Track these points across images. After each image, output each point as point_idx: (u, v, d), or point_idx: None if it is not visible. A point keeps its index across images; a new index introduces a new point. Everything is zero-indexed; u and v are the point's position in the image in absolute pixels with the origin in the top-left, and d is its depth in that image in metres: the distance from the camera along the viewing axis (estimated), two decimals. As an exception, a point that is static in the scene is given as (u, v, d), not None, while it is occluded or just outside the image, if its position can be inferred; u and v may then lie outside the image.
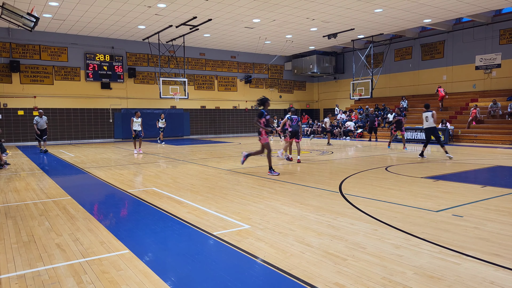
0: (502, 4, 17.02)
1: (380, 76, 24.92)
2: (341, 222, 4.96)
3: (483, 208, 5.57)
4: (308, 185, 7.59)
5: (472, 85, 22.00)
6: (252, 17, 18.29)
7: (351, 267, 3.49)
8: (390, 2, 16.24)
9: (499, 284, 3.09)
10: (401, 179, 8.26)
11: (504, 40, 20.30)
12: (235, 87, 28.37)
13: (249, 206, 5.92)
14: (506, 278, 3.20)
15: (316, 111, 32.65)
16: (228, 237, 4.41)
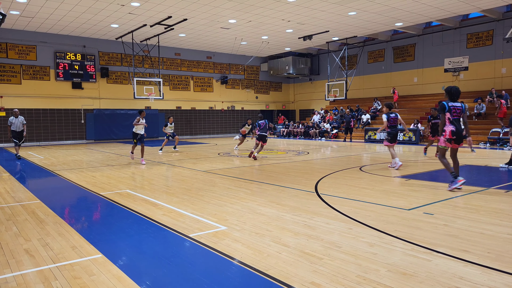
0: (468, 9, 17.68)
1: (354, 77, 25.38)
2: (317, 221, 5.01)
3: (452, 206, 5.76)
4: (285, 186, 7.64)
5: (441, 87, 22.74)
6: (228, 17, 18.25)
7: (327, 266, 3.53)
8: (363, 5, 16.58)
9: (468, 279, 3.20)
10: (375, 178, 8.43)
11: (471, 44, 21.11)
12: (211, 88, 28.22)
13: (226, 207, 5.90)
14: (474, 273, 3.32)
15: (292, 112, 32.92)
16: (204, 238, 4.37)
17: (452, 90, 6.82)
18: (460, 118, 6.80)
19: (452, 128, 6.68)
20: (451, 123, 6.72)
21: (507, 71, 19.86)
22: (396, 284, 3.14)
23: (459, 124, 6.78)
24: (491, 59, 20.38)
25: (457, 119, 6.74)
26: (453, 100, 6.82)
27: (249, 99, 30.32)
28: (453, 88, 6.84)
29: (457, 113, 6.74)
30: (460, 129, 6.72)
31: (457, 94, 6.80)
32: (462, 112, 6.81)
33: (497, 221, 4.89)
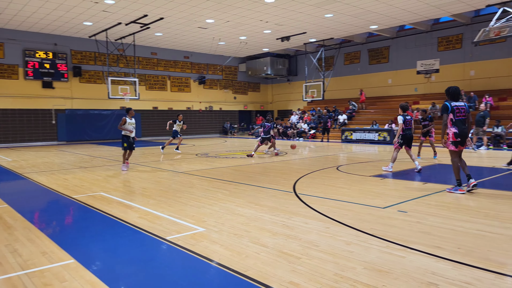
0: (439, 13, 18.24)
1: (331, 78, 25.73)
2: (295, 221, 5.04)
3: (425, 204, 5.92)
4: (263, 186, 7.65)
5: (414, 88, 23.36)
6: (205, 17, 18.14)
7: (305, 265, 3.56)
8: (339, 8, 16.83)
9: (440, 274, 3.29)
10: (351, 178, 8.56)
11: (442, 47, 21.79)
12: (189, 88, 27.98)
13: (204, 208, 5.85)
14: (446, 269, 3.42)
15: (270, 113, 32.99)
16: (182, 241, 4.32)
17: (451, 90, 6.60)
18: (465, 118, 6.47)
19: (454, 130, 6.40)
20: (453, 124, 6.42)
21: (475, 73, 20.61)
22: (372, 281, 3.19)
23: (464, 125, 6.47)
24: (460, 62, 21.10)
25: (462, 120, 6.42)
26: (455, 100, 6.54)
27: (227, 100, 30.24)
28: (451, 88, 6.61)
29: (462, 113, 6.41)
30: (464, 130, 6.44)
31: (458, 94, 6.55)
32: (467, 112, 6.49)
33: (467, 218, 5.06)
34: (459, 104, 6.47)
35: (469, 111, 6.55)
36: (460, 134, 6.38)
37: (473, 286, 3.07)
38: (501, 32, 14.13)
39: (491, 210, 5.46)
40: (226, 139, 25.26)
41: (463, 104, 6.50)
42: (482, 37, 14.74)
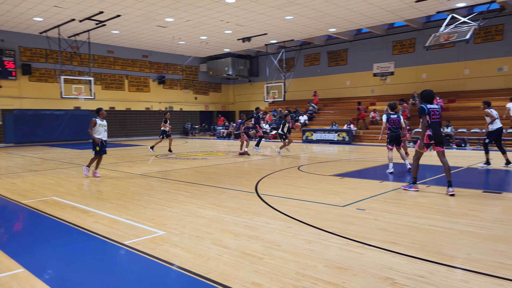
0: (393, 18, 19.05)
1: (292, 80, 26.09)
2: (257, 222, 5.05)
3: (382, 201, 6.14)
4: (225, 187, 7.61)
5: (371, 90, 24.23)
6: (164, 15, 17.78)
7: (267, 265, 3.56)
8: (299, 10, 17.11)
9: (396, 269, 3.42)
10: (312, 177, 8.72)
11: (396, 50, 22.77)
12: (148, 88, 27.31)
13: (164, 211, 5.72)
14: (401, 263, 3.56)
15: (231, 113, 32.98)
16: (141, 245, 4.19)
17: (424, 93, 6.70)
18: (440, 120, 6.64)
19: (429, 132, 6.50)
20: (429, 126, 6.53)
21: (427, 76, 21.71)
22: (332, 278, 3.25)
23: (439, 127, 6.63)
24: (413, 65, 22.15)
25: (437, 122, 6.58)
26: (430, 102, 6.65)
27: (188, 100, 29.83)
28: (425, 91, 6.71)
29: (437, 116, 6.56)
30: (439, 132, 6.57)
31: (432, 96, 6.67)
32: (440, 114, 6.66)
33: (420, 214, 5.30)
34: (433, 106, 6.60)
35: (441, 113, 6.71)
36: (434, 136, 6.51)
37: (426, 279, 3.22)
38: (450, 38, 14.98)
39: (442, 206, 5.76)
40: (187, 140, 24.91)
41: (437, 106, 6.65)
42: (433, 42, 15.55)
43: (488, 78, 19.62)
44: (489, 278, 3.21)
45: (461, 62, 20.40)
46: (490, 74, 19.56)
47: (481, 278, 3.21)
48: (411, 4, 16.35)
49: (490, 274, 3.28)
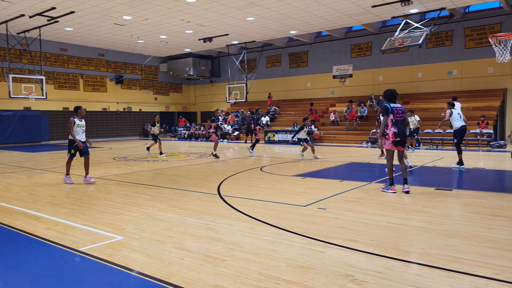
0: (351, 22, 19.65)
1: (253, 81, 26.18)
2: (219, 223, 5.00)
3: (342, 200, 6.29)
4: (187, 189, 7.48)
5: (330, 92, 24.85)
6: (122, 13, 17.24)
7: (230, 267, 3.53)
8: (261, 12, 17.21)
9: (355, 266, 3.50)
10: (274, 178, 8.78)
11: (354, 53, 23.51)
12: (105, 88, 26.37)
13: (122, 215, 5.53)
14: (361, 260, 3.65)
15: (193, 114, 32.58)
16: (98, 251, 4.01)
17: (387, 92, 6.89)
18: (403, 119, 6.79)
19: (394, 130, 6.65)
20: (394, 124, 6.67)
21: (383, 79, 22.58)
22: (295, 277, 3.28)
23: (403, 125, 6.78)
24: (370, 68, 22.97)
25: (400, 120, 6.73)
26: (393, 101, 6.83)
27: (147, 100, 29.13)
28: (388, 90, 6.89)
29: (400, 114, 6.72)
30: (403, 130, 6.72)
31: (393, 96, 6.85)
32: (403, 113, 6.81)
33: (378, 212, 5.48)
34: (396, 105, 6.78)
35: (405, 112, 6.88)
36: (399, 133, 6.64)
37: (384, 274, 3.32)
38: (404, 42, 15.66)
39: (398, 204, 5.99)
40: (147, 141, 24.30)
41: (399, 105, 6.84)
42: (388, 46, 16.19)
43: (439, 81, 20.73)
44: (441, 271, 3.37)
45: (414, 66, 21.41)
46: (440, 78, 20.68)
47: (435, 272, 3.36)
48: (368, 9, 16.94)
49: (443, 267, 3.45)
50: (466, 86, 19.98)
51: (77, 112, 8.52)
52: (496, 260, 3.60)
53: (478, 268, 3.40)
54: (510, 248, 3.89)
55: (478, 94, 19.28)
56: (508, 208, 5.59)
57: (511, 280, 3.15)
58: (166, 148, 18.16)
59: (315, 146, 18.72)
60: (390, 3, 15.85)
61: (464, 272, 3.33)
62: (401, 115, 6.74)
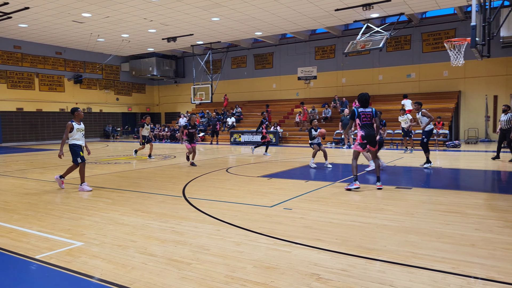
0: (315, 25, 20.03)
1: (219, 82, 26.08)
2: (185, 226, 4.91)
3: (307, 200, 6.37)
4: (151, 192, 7.30)
5: (295, 93, 25.18)
6: (81, 10, 16.61)
7: (196, 270, 3.47)
8: (226, 12, 17.15)
9: (321, 265, 3.55)
10: (240, 179, 8.76)
11: (319, 56, 23.97)
12: (62, 87, 25.29)
13: (82, 220, 5.30)
14: (325, 259, 3.71)
15: (157, 115, 31.94)
16: (55, 259, 3.82)
17: (359, 96, 7.15)
18: (372, 122, 7.08)
19: (362, 133, 7.03)
20: (361, 127, 7.04)
21: (346, 81, 23.18)
22: (261, 278, 3.27)
23: (371, 128, 7.08)
24: (334, 70, 23.51)
25: (368, 124, 7.05)
26: (364, 106, 7.11)
27: (108, 101, 28.24)
28: (360, 95, 7.14)
29: (368, 119, 7.03)
30: (371, 133, 7.05)
31: (365, 100, 7.09)
32: (372, 117, 7.08)
33: (341, 211, 5.60)
34: (366, 110, 7.07)
35: (375, 116, 7.12)
36: (366, 136, 7.02)
37: (348, 272, 3.39)
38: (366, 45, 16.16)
39: (360, 202, 6.15)
40: (108, 143, 23.57)
41: (370, 110, 7.09)
42: (351, 49, 16.65)
43: (399, 84, 21.56)
44: (402, 267, 3.48)
45: (375, 68, 22.14)
46: (400, 80, 21.51)
47: (396, 268, 3.47)
48: (331, 13, 17.33)
49: (403, 263, 3.56)
50: (423, 89, 20.91)
51: (75, 114, 7.80)
52: (452, 254, 3.76)
53: (436, 263, 3.54)
54: (465, 243, 4.09)
55: (434, 96, 20.23)
56: (463, 204, 5.88)
57: (466, 274, 3.31)
58: (129, 150, 17.68)
59: (281, 147, 18.89)
60: (352, 7, 16.31)
61: (423, 267, 3.46)
62: (369, 120, 7.06)
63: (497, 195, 6.76)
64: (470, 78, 19.75)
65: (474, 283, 3.13)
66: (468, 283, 3.13)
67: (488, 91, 19.30)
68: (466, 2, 15.65)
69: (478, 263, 3.53)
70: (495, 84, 19.15)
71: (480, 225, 4.73)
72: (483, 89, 19.42)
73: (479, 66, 19.10)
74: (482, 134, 19.39)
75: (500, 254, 3.75)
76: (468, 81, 19.85)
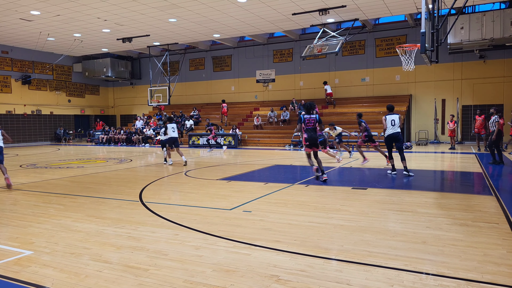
0: (273, 28, 20.28)
1: (177, 84, 25.66)
2: (142, 231, 4.79)
3: (266, 202, 6.43)
4: (105, 197, 7.04)
5: (254, 95, 25.34)
6: (29, 8, 15.71)
7: (154, 276, 3.40)
8: (183, 13, 16.93)
9: (280, 266, 3.60)
10: (199, 182, 8.67)
11: (277, 59, 24.29)
12: (9, 88, 23.78)
13: (31, 228, 5.01)
14: (285, 260, 3.76)
15: (112, 117, 30.86)
16: (3, 269, 3.59)
17: (305, 105, 8.22)
18: (314, 127, 8.12)
19: (305, 136, 8.09)
20: (305, 131, 8.08)
21: (304, 84, 23.66)
22: (220, 282, 3.26)
23: (314, 132, 8.13)
24: (292, 73, 23.91)
25: (311, 128, 8.10)
26: (308, 113, 8.13)
27: (60, 103, 26.90)
28: (306, 104, 8.23)
29: (311, 124, 8.09)
30: (313, 136, 8.09)
31: (310, 108, 8.14)
32: (316, 122, 8.11)
33: (300, 212, 5.70)
34: (310, 116, 8.10)
35: (318, 121, 8.17)
36: (309, 139, 8.08)
37: (306, 272, 3.46)
38: (322, 49, 16.59)
39: (318, 204, 6.30)
40: (60, 147, 22.45)
41: (314, 116, 8.10)
42: (308, 53, 17.01)
43: (354, 87, 22.33)
44: (359, 265, 3.61)
45: (332, 72, 22.78)
46: (355, 84, 22.28)
47: (352, 267, 3.58)
48: (288, 17, 17.63)
49: (360, 262, 3.69)
50: (377, 92, 21.80)
51: None
52: (405, 252, 3.95)
53: (389, 261, 3.70)
54: (416, 241, 4.31)
55: (387, 100, 21.10)
56: (414, 203, 6.20)
57: (418, 270, 3.48)
58: (82, 154, 16.95)
59: (240, 149, 18.93)
60: (309, 11, 16.69)
61: (378, 265, 3.60)
62: (312, 124, 8.09)
63: (446, 194, 7.17)
64: (420, 82, 20.86)
65: (425, 279, 3.30)
66: (420, 279, 3.29)
67: (437, 95, 20.49)
68: (416, 9, 16.52)
69: (429, 260, 3.73)
70: (443, 88, 20.36)
71: (430, 223, 4.99)
72: (432, 93, 20.58)
73: (428, 71, 20.23)
74: (431, 136, 20.52)
75: (449, 250, 3.98)
76: (418, 85, 20.94)
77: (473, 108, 19.50)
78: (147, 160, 14.26)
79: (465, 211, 5.60)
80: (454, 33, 16.88)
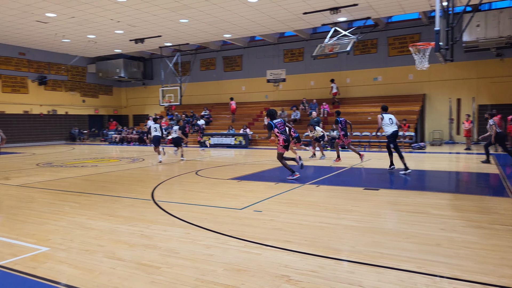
0: (284, 28, 20.26)
1: (188, 84, 25.83)
2: (154, 230, 4.86)
3: (277, 202, 6.45)
4: (119, 195, 7.15)
5: (264, 95, 25.35)
6: (45, 10, 16.01)
7: (165, 274, 3.45)
8: (194, 14, 17.05)
9: (291, 266, 3.61)
10: (210, 182, 8.73)
11: (287, 59, 24.25)
12: (26, 89, 24.26)
13: (48, 225, 5.13)
14: (295, 260, 3.78)
15: (125, 117, 31.22)
16: (20, 265, 3.69)
17: (267, 112, 8.99)
18: (286, 129, 8.89)
19: (283, 137, 8.74)
20: (281, 133, 8.75)
21: (314, 83, 23.57)
22: (231, 281, 3.30)
23: (286, 134, 8.86)
24: (302, 73, 23.84)
25: (284, 130, 8.86)
26: (273, 118, 8.83)
27: (74, 103, 27.33)
28: (268, 110, 8.96)
29: (282, 127, 8.87)
30: (288, 138, 8.87)
31: (273, 114, 8.89)
32: (284, 124, 8.94)
33: (311, 212, 5.71)
34: (277, 121, 8.85)
35: (285, 123, 9.02)
36: (286, 140, 8.77)
37: (317, 273, 3.47)
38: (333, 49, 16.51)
39: (329, 204, 6.29)
40: (74, 146, 22.82)
41: (280, 120, 8.95)
42: (319, 52, 16.94)
43: (366, 87, 22.15)
44: (370, 267, 3.60)
45: (343, 71, 22.64)
46: (367, 83, 22.10)
47: (364, 268, 3.58)
48: (299, 16, 17.59)
49: (371, 263, 3.68)
50: (389, 92, 21.58)
51: None
52: (417, 254, 3.91)
53: (402, 263, 3.67)
54: (429, 242, 4.26)
55: (400, 99, 20.91)
56: (427, 205, 6.13)
57: (432, 273, 3.44)
58: (96, 153, 17.20)
59: (250, 149, 18.96)
60: (320, 11, 16.62)
61: (390, 267, 3.57)
62: (283, 127, 8.88)
63: (460, 195, 7.07)
64: (434, 81, 20.56)
65: (439, 282, 3.24)
66: (434, 282, 3.24)
67: (452, 94, 20.16)
68: (430, 7, 16.30)
69: (443, 262, 3.67)
70: (459, 88, 20.02)
71: (444, 225, 4.92)
72: (447, 92, 20.26)
73: (443, 70, 19.91)
74: (446, 136, 20.23)
75: (464, 253, 3.92)
76: (432, 84, 20.65)
77: (490, 107, 19.15)
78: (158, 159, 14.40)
79: (480, 213, 5.52)
80: (469, 31, 16.59)
